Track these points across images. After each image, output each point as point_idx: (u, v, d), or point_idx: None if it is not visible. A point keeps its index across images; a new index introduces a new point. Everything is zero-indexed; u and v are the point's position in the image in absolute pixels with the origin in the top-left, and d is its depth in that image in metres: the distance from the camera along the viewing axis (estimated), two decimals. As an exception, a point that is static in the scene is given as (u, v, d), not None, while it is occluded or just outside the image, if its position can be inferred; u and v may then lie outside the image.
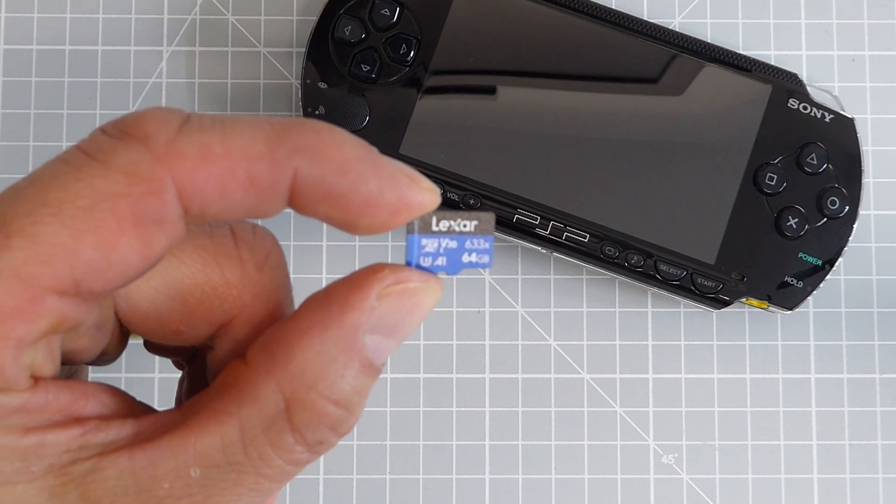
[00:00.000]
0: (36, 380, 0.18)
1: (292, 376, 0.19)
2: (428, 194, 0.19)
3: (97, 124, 0.39)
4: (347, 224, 0.19)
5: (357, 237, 0.38)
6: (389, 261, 0.21)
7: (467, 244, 0.21)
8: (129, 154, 0.17)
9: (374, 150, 0.19)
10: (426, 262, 0.21)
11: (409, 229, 0.21)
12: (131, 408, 0.20)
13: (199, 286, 0.20)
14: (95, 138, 0.18)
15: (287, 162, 0.18)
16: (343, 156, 0.18)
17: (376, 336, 0.19)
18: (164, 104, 0.39)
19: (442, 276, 0.21)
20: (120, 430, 0.18)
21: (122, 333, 0.22)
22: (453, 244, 0.21)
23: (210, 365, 0.21)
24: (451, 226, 0.21)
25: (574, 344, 0.38)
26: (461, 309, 0.38)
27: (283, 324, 0.19)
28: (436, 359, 0.38)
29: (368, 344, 0.19)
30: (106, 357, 0.22)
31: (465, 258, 0.21)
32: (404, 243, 0.21)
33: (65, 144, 0.38)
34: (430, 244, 0.21)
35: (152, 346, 0.23)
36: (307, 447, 0.19)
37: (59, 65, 0.39)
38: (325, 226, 0.38)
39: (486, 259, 0.21)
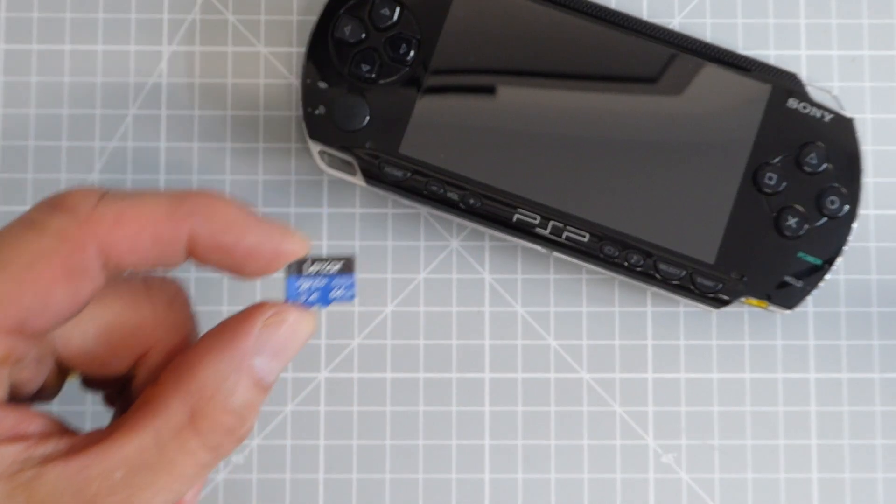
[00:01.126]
0: None
1: (195, 391, 0.23)
2: (298, 243, 0.25)
3: (97, 125, 0.39)
4: (235, 270, 0.24)
5: (357, 240, 0.38)
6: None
7: (334, 282, 0.26)
8: (60, 221, 0.22)
9: (253, 211, 0.24)
10: (301, 298, 0.26)
11: (287, 272, 0.26)
12: (65, 429, 0.24)
13: (121, 325, 0.25)
14: (34, 211, 0.23)
15: (183, 222, 0.23)
16: (227, 216, 0.24)
17: (263, 358, 0.24)
18: (164, 104, 0.39)
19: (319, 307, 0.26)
20: (57, 444, 0.22)
21: (60, 373, 0.26)
22: (322, 282, 0.26)
23: (133, 391, 0.26)
24: (320, 268, 0.26)
25: (574, 344, 0.38)
26: (461, 309, 0.38)
27: (187, 351, 0.24)
28: (436, 359, 0.38)
29: (256, 365, 0.24)
30: (46, 393, 0.26)
31: (333, 294, 0.26)
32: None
33: (65, 144, 0.38)
34: (303, 283, 0.26)
35: (88, 382, 0.27)
36: (208, 451, 0.23)
37: (59, 65, 0.39)
38: (325, 229, 0.38)
39: (350, 293, 0.26)
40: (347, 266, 0.26)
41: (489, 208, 0.36)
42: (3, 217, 0.38)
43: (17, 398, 0.24)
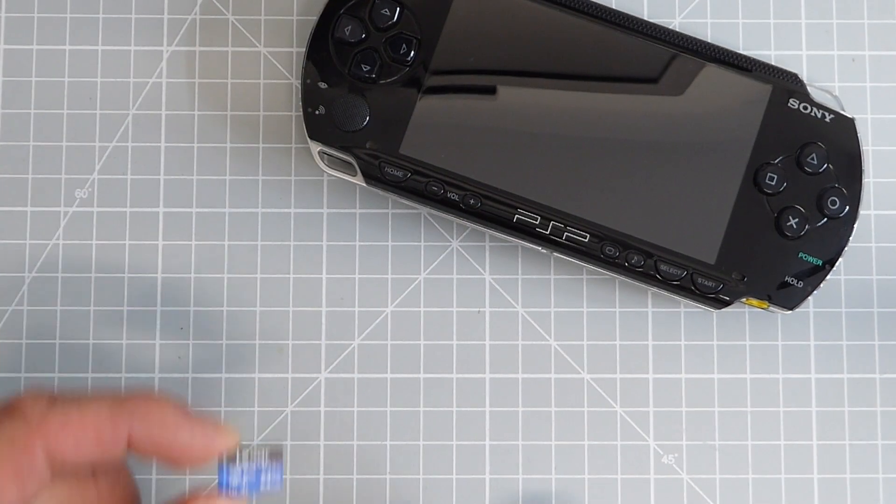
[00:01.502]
0: None
1: None
2: (228, 439, 0.28)
3: (97, 124, 0.39)
4: (172, 463, 0.28)
5: (357, 240, 0.38)
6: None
7: (263, 473, 0.29)
8: (12, 428, 0.26)
9: (188, 412, 0.28)
10: (234, 483, 0.29)
11: (219, 461, 0.29)
12: None
13: None
14: None
15: (123, 424, 0.27)
16: (162, 417, 0.27)
17: None
18: (164, 104, 0.39)
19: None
20: None
21: None
22: (252, 472, 0.29)
23: None
24: (251, 456, 0.29)
25: (574, 344, 0.38)
26: (461, 309, 0.38)
27: None
28: (436, 359, 0.38)
29: None
30: None
31: (263, 480, 0.29)
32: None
33: (64, 144, 0.38)
34: (234, 472, 0.29)
35: None
36: None
37: (60, 65, 0.39)
38: (325, 229, 0.38)
39: (277, 483, 0.29)
40: (276, 455, 0.29)
41: (489, 208, 0.36)
42: (2, 217, 0.38)
43: None
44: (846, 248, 0.36)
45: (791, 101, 0.37)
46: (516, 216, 0.36)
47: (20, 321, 0.38)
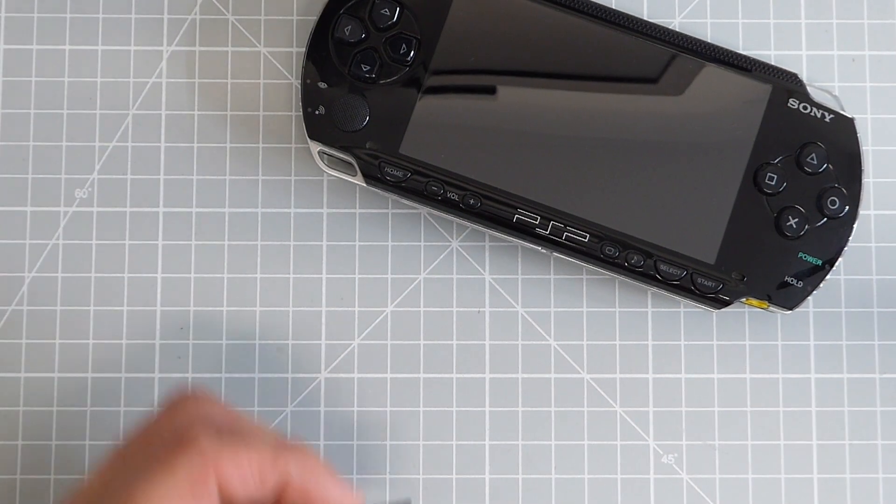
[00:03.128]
0: None
1: None
2: (360, 500, 0.30)
3: (97, 124, 0.39)
4: None
5: (357, 240, 0.38)
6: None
7: None
8: (188, 462, 0.27)
9: (333, 471, 0.30)
10: None
11: None
12: None
13: None
14: (162, 448, 0.28)
15: (284, 468, 0.29)
16: (318, 469, 0.29)
17: None
18: (164, 104, 0.39)
19: None
20: None
21: None
22: None
23: None
24: None
25: (574, 344, 0.38)
26: (461, 309, 0.38)
27: None
28: (436, 359, 0.38)
29: None
30: None
31: None
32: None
33: (64, 144, 0.38)
34: None
35: None
36: None
37: (59, 65, 0.39)
38: (325, 229, 0.38)
39: None
40: None
41: (489, 208, 0.36)
42: (2, 217, 0.38)
43: None
44: (846, 248, 0.36)
45: (791, 100, 0.37)
46: (516, 216, 0.36)
47: (20, 321, 0.38)
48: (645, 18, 0.37)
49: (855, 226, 0.36)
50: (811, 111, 0.37)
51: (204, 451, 0.28)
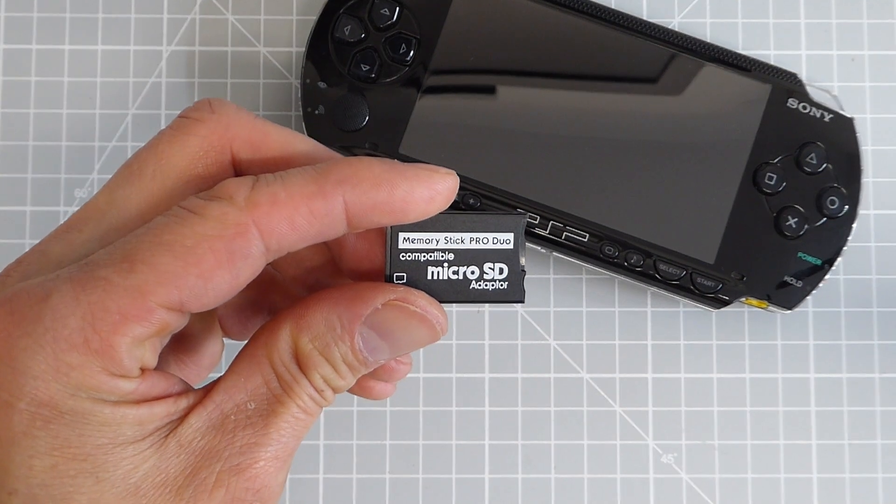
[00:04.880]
0: (143, 370, 0.23)
1: (300, 327, 0.24)
2: (449, 179, 0.24)
3: (97, 124, 0.39)
4: (399, 219, 0.24)
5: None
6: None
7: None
8: (220, 207, 0.23)
9: (395, 162, 0.24)
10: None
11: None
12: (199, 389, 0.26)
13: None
14: (191, 200, 0.23)
15: (334, 192, 0.23)
16: (373, 173, 0.24)
17: (372, 333, 0.25)
18: (163, 104, 0.39)
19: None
20: (195, 395, 0.24)
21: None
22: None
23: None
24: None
25: (574, 344, 0.38)
26: (461, 309, 0.38)
27: (314, 294, 0.25)
28: (436, 358, 0.38)
29: (363, 334, 0.24)
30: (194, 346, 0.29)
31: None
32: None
33: (64, 145, 0.38)
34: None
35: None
36: (313, 388, 0.24)
37: (59, 65, 0.39)
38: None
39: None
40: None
41: (489, 208, 0.36)
42: (2, 217, 0.38)
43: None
44: (845, 248, 0.36)
45: (790, 100, 0.37)
46: (516, 216, 0.36)
47: (20, 321, 0.38)
48: (644, 18, 0.37)
49: (854, 225, 0.36)
50: (810, 111, 0.37)
51: (237, 199, 0.23)
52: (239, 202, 0.23)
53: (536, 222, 0.36)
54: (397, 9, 0.37)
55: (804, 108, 0.37)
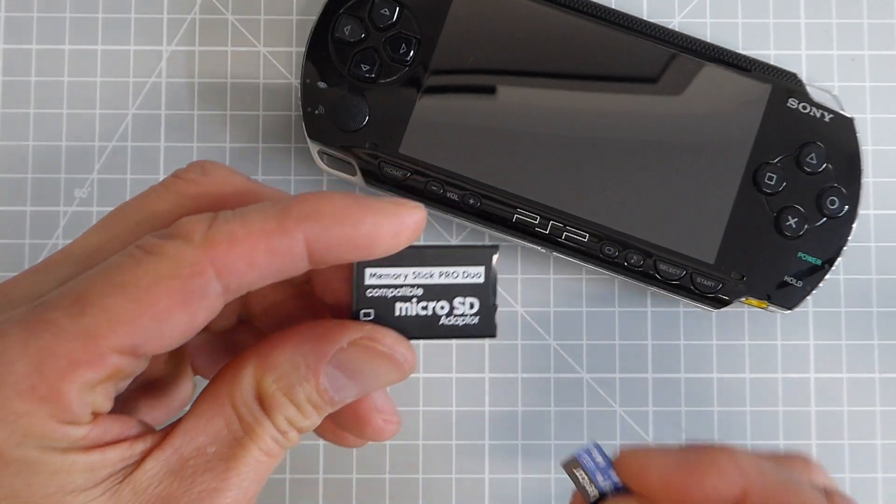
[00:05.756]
0: (95, 415, 0.22)
1: (264, 367, 0.24)
2: (416, 212, 0.23)
3: (97, 124, 0.39)
4: (363, 255, 0.23)
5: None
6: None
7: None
8: (176, 246, 0.22)
9: (360, 196, 0.23)
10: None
11: None
12: (158, 430, 0.25)
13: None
14: (147, 239, 0.23)
15: (295, 228, 0.22)
16: (336, 208, 0.23)
17: (337, 372, 0.24)
18: (163, 104, 0.39)
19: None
20: (153, 438, 0.23)
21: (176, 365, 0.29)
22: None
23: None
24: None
25: (574, 343, 0.38)
26: (461, 309, 0.38)
27: (278, 332, 0.24)
28: (436, 359, 0.38)
29: (329, 373, 0.24)
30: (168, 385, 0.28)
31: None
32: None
33: (64, 144, 0.38)
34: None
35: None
36: (276, 430, 0.24)
37: (59, 64, 0.39)
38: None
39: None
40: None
41: (489, 208, 0.36)
42: (2, 217, 0.38)
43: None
44: (845, 248, 0.36)
45: (790, 100, 0.37)
46: (515, 216, 0.36)
47: (20, 321, 0.38)
48: (645, 18, 0.37)
49: (854, 225, 0.36)
50: (811, 111, 0.37)
51: (194, 238, 0.22)
52: (196, 240, 0.22)
53: (536, 222, 0.36)
54: (397, 9, 0.37)
55: (804, 108, 0.37)
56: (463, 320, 0.25)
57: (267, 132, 0.39)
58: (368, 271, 0.24)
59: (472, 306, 0.25)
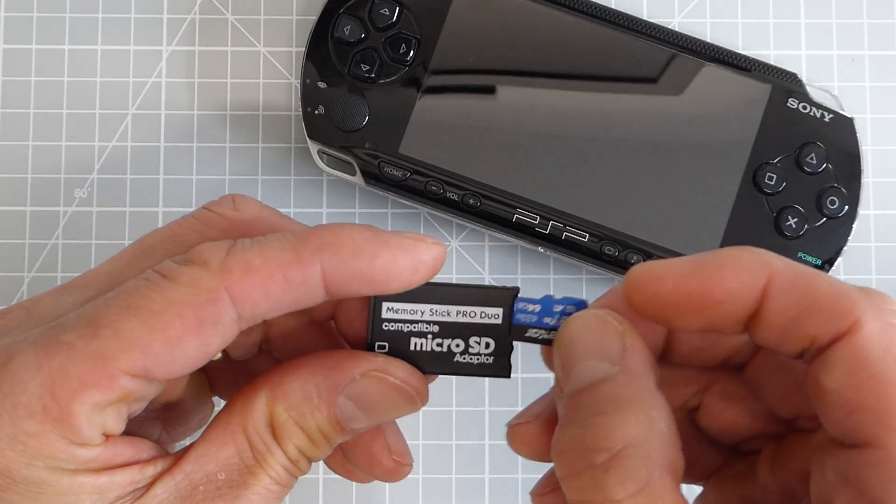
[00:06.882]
0: (107, 437, 0.22)
1: (276, 395, 0.24)
2: (435, 248, 0.23)
3: (97, 124, 0.39)
4: (379, 290, 0.23)
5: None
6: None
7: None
8: (192, 272, 0.22)
9: (379, 230, 0.23)
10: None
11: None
12: (170, 453, 0.25)
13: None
14: (165, 264, 0.23)
15: (312, 259, 0.22)
16: (354, 241, 0.23)
17: (349, 403, 0.24)
18: (163, 104, 0.39)
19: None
20: (164, 462, 0.24)
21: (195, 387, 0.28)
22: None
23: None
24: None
25: (574, 344, 0.38)
26: (461, 309, 0.38)
27: (292, 360, 0.25)
28: (435, 358, 0.38)
29: (341, 404, 0.24)
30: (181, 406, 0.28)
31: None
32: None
33: (64, 144, 0.38)
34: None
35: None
36: (287, 459, 0.24)
37: (59, 64, 0.39)
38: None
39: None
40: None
41: (489, 208, 0.36)
42: (2, 217, 0.38)
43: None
44: (845, 248, 0.36)
45: (790, 100, 0.37)
46: (515, 216, 0.36)
47: (20, 321, 0.38)
48: (645, 18, 0.37)
49: (854, 225, 0.36)
50: (811, 111, 0.37)
51: (211, 264, 0.22)
52: (212, 267, 0.22)
53: (536, 222, 0.36)
54: (397, 9, 0.37)
55: (804, 108, 0.37)
56: (478, 359, 0.25)
57: (267, 132, 0.39)
58: (385, 305, 0.24)
59: (487, 346, 0.25)
